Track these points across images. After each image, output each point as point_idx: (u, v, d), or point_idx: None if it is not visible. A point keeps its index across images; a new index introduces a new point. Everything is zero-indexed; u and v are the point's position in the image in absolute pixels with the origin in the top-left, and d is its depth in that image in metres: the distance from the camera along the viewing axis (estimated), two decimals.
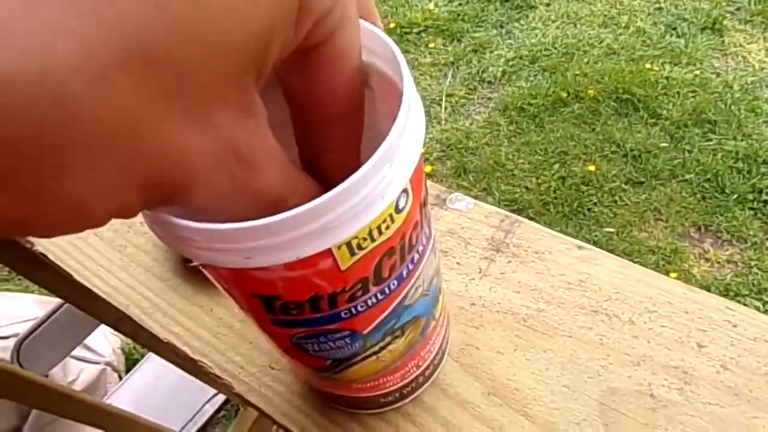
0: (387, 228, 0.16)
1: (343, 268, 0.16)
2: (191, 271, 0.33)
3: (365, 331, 0.19)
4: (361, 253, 0.16)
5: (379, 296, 0.18)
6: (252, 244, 0.14)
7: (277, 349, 0.22)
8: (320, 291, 0.17)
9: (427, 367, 0.25)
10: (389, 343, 0.21)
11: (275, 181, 0.14)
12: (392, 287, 0.18)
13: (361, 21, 0.17)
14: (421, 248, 0.19)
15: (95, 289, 0.33)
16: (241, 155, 0.13)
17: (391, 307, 0.19)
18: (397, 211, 0.16)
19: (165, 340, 0.31)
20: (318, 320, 0.18)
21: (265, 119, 0.13)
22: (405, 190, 0.16)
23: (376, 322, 0.19)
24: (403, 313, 0.20)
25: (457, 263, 0.31)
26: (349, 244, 0.15)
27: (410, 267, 0.19)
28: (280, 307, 0.17)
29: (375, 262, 0.17)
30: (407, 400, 0.26)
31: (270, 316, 0.18)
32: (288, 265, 0.15)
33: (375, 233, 0.16)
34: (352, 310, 0.18)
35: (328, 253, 0.15)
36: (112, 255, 0.35)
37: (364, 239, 0.16)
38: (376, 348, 0.21)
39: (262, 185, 0.14)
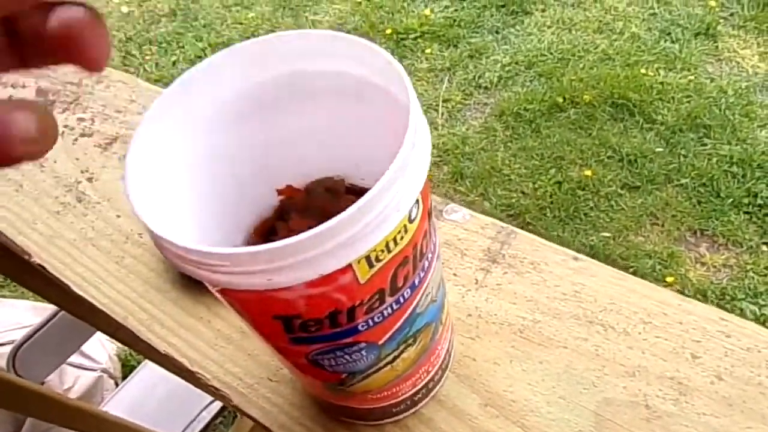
0: (401, 239, 0.17)
1: (362, 281, 0.17)
2: (190, 283, 0.33)
3: (381, 342, 0.20)
4: (379, 265, 0.17)
5: (395, 306, 0.19)
6: (274, 265, 0.14)
7: (293, 368, 0.22)
8: (340, 306, 0.17)
9: (437, 372, 0.26)
10: (403, 352, 0.21)
11: None
12: (406, 296, 0.19)
13: (359, 39, 0.17)
14: (430, 255, 0.20)
15: (93, 301, 0.33)
16: None
17: (405, 316, 0.20)
18: (410, 221, 0.17)
19: (163, 352, 0.31)
20: (336, 335, 0.19)
21: None
22: (416, 201, 0.16)
23: (391, 331, 0.20)
24: (415, 321, 0.21)
25: (454, 274, 0.31)
26: (368, 258, 0.16)
27: (421, 275, 0.19)
28: (300, 326, 0.18)
29: (391, 272, 0.17)
30: (419, 406, 0.27)
31: (289, 336, 0.18)
32: (309, 283, 0.16)
33: (391, 244, 0.16)
34: (369, 321, 0.19)
35: (348, 267, 0.16)
36: (110, 266, 0.35)
37: (382, 251, 0.16)
38: (390, 358, 0.21)
39: None
